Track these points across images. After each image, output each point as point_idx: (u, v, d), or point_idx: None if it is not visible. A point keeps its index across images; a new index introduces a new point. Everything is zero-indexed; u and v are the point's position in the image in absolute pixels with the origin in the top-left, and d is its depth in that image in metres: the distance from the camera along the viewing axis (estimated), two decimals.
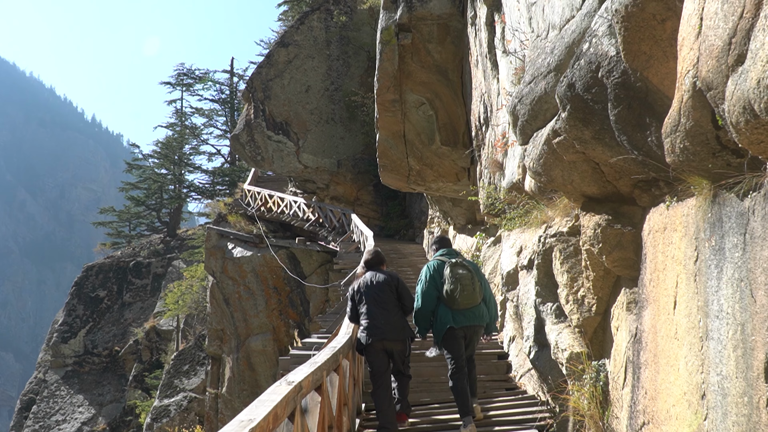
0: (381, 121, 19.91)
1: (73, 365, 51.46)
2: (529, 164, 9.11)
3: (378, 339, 9.39)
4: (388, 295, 9.60)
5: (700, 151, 5.23)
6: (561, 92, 7.05)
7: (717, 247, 5.35)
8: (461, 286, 9.54)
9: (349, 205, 34.05)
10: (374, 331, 9.40)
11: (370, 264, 10.06)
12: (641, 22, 5.75)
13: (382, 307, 9.53)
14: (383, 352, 9.49)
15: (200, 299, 43.22)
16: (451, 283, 9.57)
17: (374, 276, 9.78)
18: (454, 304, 9.55)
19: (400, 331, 9.57)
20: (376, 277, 9.75)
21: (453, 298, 9.55)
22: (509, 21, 12.58)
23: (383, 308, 9.53)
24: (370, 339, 9.40)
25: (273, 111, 34.25)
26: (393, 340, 9.50)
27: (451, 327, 9.54)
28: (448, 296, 9.57)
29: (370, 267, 10.04)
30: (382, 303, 9.54)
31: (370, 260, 10.08)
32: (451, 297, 9.56)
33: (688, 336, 5.88)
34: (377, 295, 9.57)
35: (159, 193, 59.85)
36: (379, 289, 9.61)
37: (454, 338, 9.60)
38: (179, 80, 61.48)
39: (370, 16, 34.67)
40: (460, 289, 9.53)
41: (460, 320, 9.58)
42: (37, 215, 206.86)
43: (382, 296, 9.57)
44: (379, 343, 9.41)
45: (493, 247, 16.13)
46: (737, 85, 4.44)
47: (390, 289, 9.63)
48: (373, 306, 9.52)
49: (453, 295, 9.54)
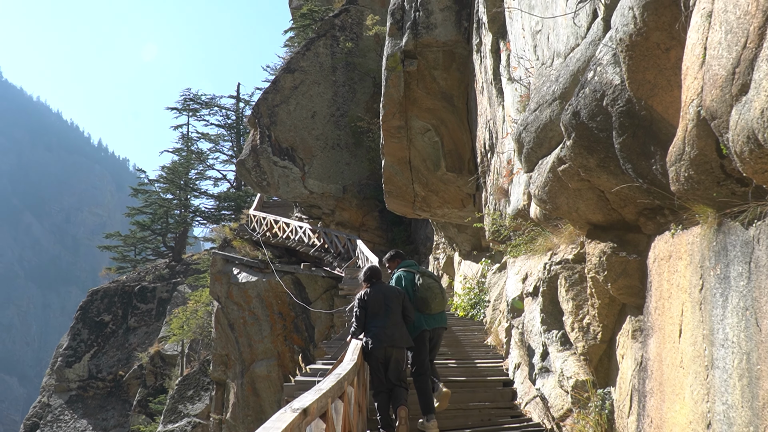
0: (386, 147, 19.94)
1: (78, 389, 51.35)
2: (534, 191, 9.13)
3: (382, 346, 9.90)
4: (396, 306, 10.15)
5: (705, 180, 5.24)
6: (566, 120, 7.07)
7: (722, 275, 5.35)
8: (433, 293, 10.71)
9: (355, 230, 34.00)
10: (381, 338, 9.90)
11: (374, 277, 10.49)
12: (645, 51, 5.78)
13: (390, 316, 10.05)
14: (385, 358, 9.97)
15: (205, 324, 43.14)
16: (426, 291, 10.68)
17: (383, 287, 10.36)
18: (427, 308, 10.66)
19: (406, 340, 10.16)
20: (384, 288, 10.35)
21: (427, 304, 10.64)
22: (514, 48, 12.64)
23: (391, 318, 10.05)
24: (375, 345, 9.89)
25: (279, 136, 34.32)
26: (397, 347, 10.01)
27: (424, 329, 10.57)
28: (423, 302, 10.62)
29: (373, 280, 10.46)
30: (390, 312, 10.07)
31: (372, 275, 10.55)
32: (425, 303, 10.63)
33: (694, 364, 5.87)
34: (387, 305, 10.10)
35: (164, 218, 59.84)
36: (388, 299, 10.17)
37: (423, 341, 10.57)
38: (185, 105, 61.63)
39: (375, 42, 34.77)
40: (432, 296, 10.68)
41: (431, 323, 10.72)
42: (43, 239, 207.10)
43: (391, 306, 10.11)
44: (382, 350, 9.91)
45: (499, 274, 16.13)
46: (741, 115, 4.45)
47: (398, 301, 10.22)
48: (381, 315, 10.04)
49: (428, 301, 10.64)
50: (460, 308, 19.35)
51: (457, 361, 14.29)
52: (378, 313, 10.05)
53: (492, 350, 14.89)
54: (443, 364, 13.94)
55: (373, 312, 10.08)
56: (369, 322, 10.07)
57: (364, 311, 10.15)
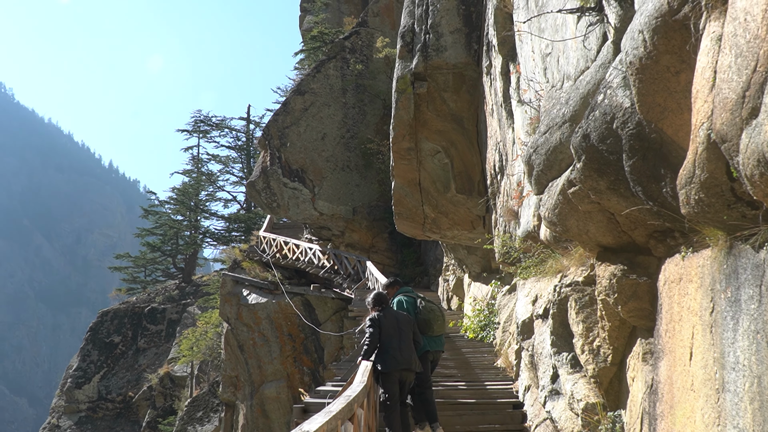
0: (396, 168, 19.98)
1: (87, 411, 51.31)
2: (544, 214, 9.13)
3: (397, 368, 10.22)
4: (408, 330, 10.55)
5: (715, 203, 5.24)
6: (576, 143, 7.09)
7: (733, 298, 5.34)
8: (435, 315, 11.38)
9: (364, 252, 33.99)
10: (397, 360, 10.21)
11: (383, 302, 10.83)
12: (655, 75, 5.80)
13: (404, 339, 10.41)
14: (398, 381, 10.30)
15: (215, 345, 43.12)
16: (428, 313, 11.33)
17: (393, 312, 10.76)
18: (430, 330, 11.28)
19: (418, 365, 10.55)
20: (395, 313, 10.75)
21: (430, 326, 11.27)
22: (524, 71, 12.67)
23: (404, 341, 10.41)
24: (389, 367, 10.19)
25: (289, 158, 34.39)
26: (411, 371, 10.42)
27: (427, 350, 11.23)
28: (426, 324, 11.24)
29: (383, 305, 10.75)
30: (403, 337, 10.42)
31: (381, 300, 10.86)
32: (428, 324, 11.25)
33: (705, 388, 5.85)
34: (400, 329, 10.45)
35: (175, 239, 59.93)
36: (401, 323, 10.53)
37: (426, 360, 11.20)
38: (196, 127, 61.83)
39: (386, 64, 34.89)
40: (434, 317, 11.34)
41: (433, 345, 11.41)
42: (53, 260, 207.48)
43: (404, 331, 10.48)
44: (397, 372, 10.23)
45: (509, 296, 16.09)
46: (751, 138, 4.46)
47: (409, 326, 10.63)
48: (396, 339, 10.34)
49: (430, 323, 11.28)
50: (470, 330, 19.29)
51: (466, 383, 14.26)
52: (392, 335, 10.32)
53: (502, 372, 14.85)
54: (452, 386, 13.92)
55: (387, 334, 10.30)
56: (383, 343, 10.29)
57: (379, 331, 10.33)
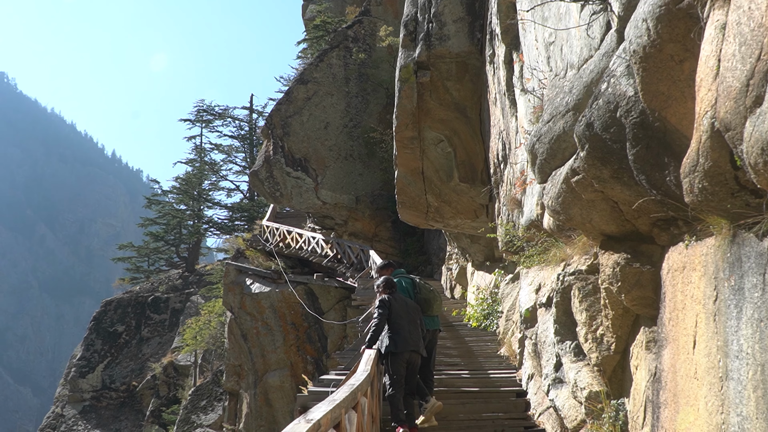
0: (399, 158, 19.96)
1: (91, 400, 51.45)
2: (547, 202, 9.13)
3: (408, 350, 10.48)
4: (416, 315, 10.89)
5: (719, 191, 5.24)
6: (579, 131, 7.08)
7: (736, 287, 5.34)
8: (434, 295, 11.85)
9: (368, 241, 34.01)
10: (408, 341, 10.49)
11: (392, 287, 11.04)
12: (659, 63, 5.78)
13: (412, 323, 10.71)
14: (406, 362, 10.53)
15: (218, 335, 43.19)
16: (428, 292, 11.79)
17: (401, 297, 11.03)
18: (429, 309, 11.66)
19: (423, 349, 10.86)
20: (403, 298, 11.06)
21: (429, 305, 11.68)
22: (527, 60, 12.64)
23: (413, 325, 10.70)
24: (401, 348, 10.43)
25: (292, 147, 34.38)
26: (418, 354, 10.71)
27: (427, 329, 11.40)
28: (426, 303, 11.63)
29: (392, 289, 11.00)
30: (413, 321, 10.73)
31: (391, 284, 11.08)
32: (428, 304, 11.66)
33: (708, 376, 5.86)
34: (409, 315, 10.75)
35: (178, 229, 59.98)
36: (409, 308, 10.85)
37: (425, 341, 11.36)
38: (199, 116, 61.86)
39: (388, 53, 34.80)
40: (433, 297, 11.80)
41: (430, 324, 11.63)
42: (57, 250, 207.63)
43: (413, 316, 10.82)
44: (408, 353, 10.49)
45: (512, 285, 16.10)
46: (755, 127, 4.46)
47: (417, 312, 10.99)
48: (405, 322, 10.60)
49: (430, 302, 11.70)
50: (473, 318, 19.32)
51: (470, 371, 14.29)
52: (402, 317, 10.59)
53: (505, 361, 14.88)
54: (456, 374, 13.94)
55: (398, 315, 10.54)
56: (395, 324, 10.50)
57: (389, 311, 10.54)
